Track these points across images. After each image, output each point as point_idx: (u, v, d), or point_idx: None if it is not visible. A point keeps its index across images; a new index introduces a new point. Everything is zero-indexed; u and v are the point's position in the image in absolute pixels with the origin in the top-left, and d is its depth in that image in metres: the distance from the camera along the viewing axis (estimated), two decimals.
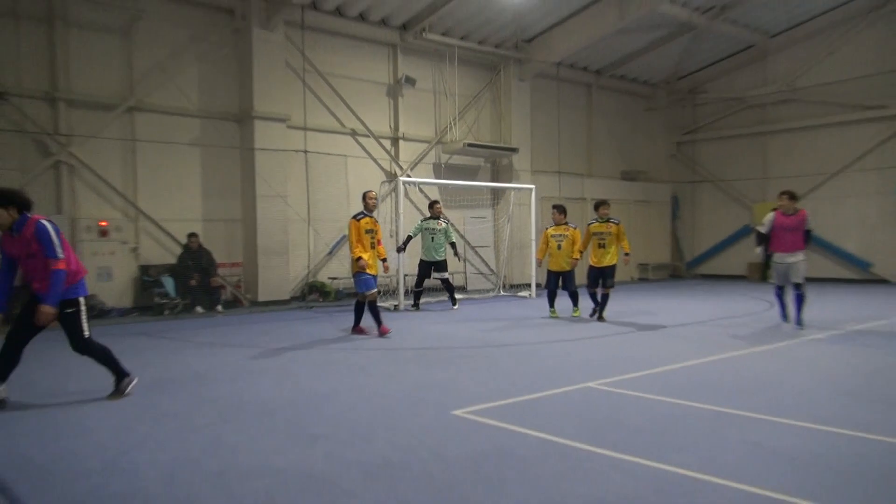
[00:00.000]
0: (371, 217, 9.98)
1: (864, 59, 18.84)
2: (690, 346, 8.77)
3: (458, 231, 17.25)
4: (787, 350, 8.47)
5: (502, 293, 16.27)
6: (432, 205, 13.81)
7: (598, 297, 11.49)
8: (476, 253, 17.76)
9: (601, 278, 11.42)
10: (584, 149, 20.93)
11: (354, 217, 9.85)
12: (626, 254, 11.32)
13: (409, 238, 13.57)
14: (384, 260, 10.22)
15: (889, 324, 10.63)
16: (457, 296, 14.08)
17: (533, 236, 15.85)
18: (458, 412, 5.52)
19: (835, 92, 19.35)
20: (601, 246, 11.40)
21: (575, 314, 12.02)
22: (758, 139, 21.18)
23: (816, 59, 19.74)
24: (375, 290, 9.83)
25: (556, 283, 11.99)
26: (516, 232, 17.22)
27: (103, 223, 12.74)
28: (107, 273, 12.72)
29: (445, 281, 13.71)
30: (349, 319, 11.95)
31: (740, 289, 17.54)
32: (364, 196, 10.14)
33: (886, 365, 7.43)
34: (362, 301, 9.99)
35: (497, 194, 18.02)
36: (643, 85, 22.11)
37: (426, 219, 13.91)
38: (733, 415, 5.41)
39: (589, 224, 11.60)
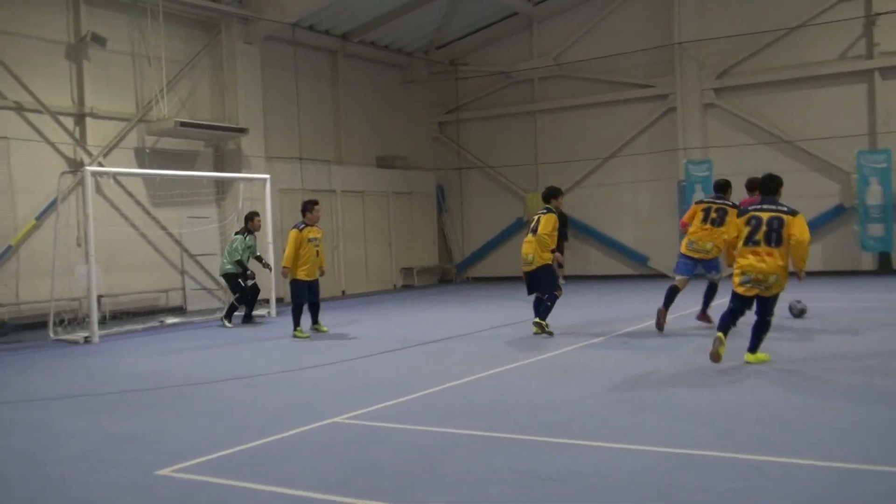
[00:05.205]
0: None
1: (631, 34, 21.02)
2: (456, 364, 9.16)
3: (172, 236, 16.57)
4: (558, 359, 9.15)
5: None
6: (252, 217, 14.09)
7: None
8: (197, 263, 17.11)
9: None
10: (332, 130, 21.07)
11: None
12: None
13: (242, 263, 13.90)
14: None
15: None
16: (174, 319, 13.78)
17: (270, 238, 15.61)
18: (164, 471, 5.23)
19: (602, 68, 21.41)
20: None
21: (323, 329, 12.46)
22: (527, 119, 22.81)
23: (582, 31, 21.72)
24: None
25: (315, 293, 12.37)
26: None
27: None
28: None
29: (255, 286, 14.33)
30: (29, 362, 11.00)
31: (515, 292, 18.65)
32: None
33: (658, 368, 8.32)
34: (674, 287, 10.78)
35: (223, 187, 17.54)
36: (398, 53, 22.77)
37: (246, 234, 14.05)
38: (502, 439, 5.70)
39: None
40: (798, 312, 11.37)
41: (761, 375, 7.63)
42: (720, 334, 7.97)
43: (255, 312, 14.54)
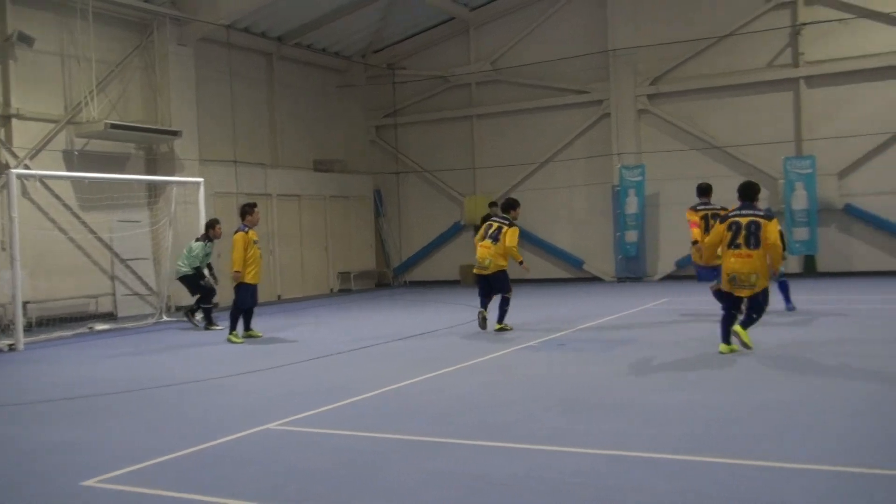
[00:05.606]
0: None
1: (566, 40, 21.36)
2: (394, 368, 9.13)
3: (102, 241, 16.21)
4: (497, 362, 9.20)
5: (165, 318, 15.55)
6: (213, 225, 14.05)
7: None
8: (129, 268, 16.75)
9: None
10: (267, 133, 20.87)
11: None
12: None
13: (200, 270, 13.98)
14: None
15: (597, 325, 12.13)
16: (103, 325, 13.69)
17: None
18: (90, 482, 5.09)
19: (538, 73, 21.66)
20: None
21: (257, 335, 12.48)
22: (465, 123, 22.94)
23: (519, 36, 21.96)
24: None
25: (256, 297, 12.44)
26: (182, 238, 16.49)
27: None
28: None
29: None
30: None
31: (453, 296, 18.77)
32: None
33: (594, 371, 8.42)
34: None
35: (155, 191, 17.19)
36: (335, 57, 22.67)
37: (206, 241, 14.06)
38: (440, 443, 5.69)
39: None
40: None
41: (702, 376, 7.77)
42: (724, 346, 8.70)
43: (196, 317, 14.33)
